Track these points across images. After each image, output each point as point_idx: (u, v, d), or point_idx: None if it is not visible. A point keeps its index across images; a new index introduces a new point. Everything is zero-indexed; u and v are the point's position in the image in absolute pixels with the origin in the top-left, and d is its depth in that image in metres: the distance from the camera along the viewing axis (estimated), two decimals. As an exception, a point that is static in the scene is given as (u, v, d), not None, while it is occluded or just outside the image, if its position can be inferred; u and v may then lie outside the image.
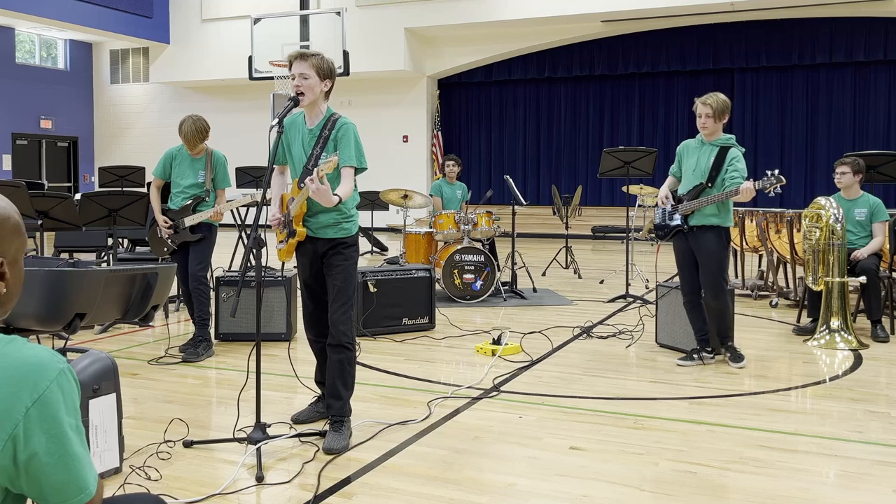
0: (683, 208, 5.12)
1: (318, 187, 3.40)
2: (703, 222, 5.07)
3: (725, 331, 5.22)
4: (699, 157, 5.14)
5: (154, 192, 5.53)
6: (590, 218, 16.04)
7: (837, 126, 15.15)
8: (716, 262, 5.07)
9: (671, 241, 5.29)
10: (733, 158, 5.03)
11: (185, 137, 5.32)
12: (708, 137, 5.12)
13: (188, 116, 5.36)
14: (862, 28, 14.50)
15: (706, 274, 5.10)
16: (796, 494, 3.10)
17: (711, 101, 5.04)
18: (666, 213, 5.26)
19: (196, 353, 5.33)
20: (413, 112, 17.30)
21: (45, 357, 1.30)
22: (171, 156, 5.47)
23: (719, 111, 5.03)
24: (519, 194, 8.30)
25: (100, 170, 11.42)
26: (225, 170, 5.52)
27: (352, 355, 3.76)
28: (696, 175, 5.13)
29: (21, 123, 18.24)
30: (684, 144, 5.32)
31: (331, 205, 3.51)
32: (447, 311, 7.15)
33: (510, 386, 4.70)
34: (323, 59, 3.68)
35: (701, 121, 5.08)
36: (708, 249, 5.06)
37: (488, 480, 3.24)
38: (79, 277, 2.74)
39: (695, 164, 5.15)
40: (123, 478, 3.22)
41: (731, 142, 5.13)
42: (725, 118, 5.08)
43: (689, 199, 5.11)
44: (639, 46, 16.02)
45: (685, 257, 5.21)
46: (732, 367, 5.12)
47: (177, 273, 5.50)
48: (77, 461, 1.29)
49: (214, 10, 17.67)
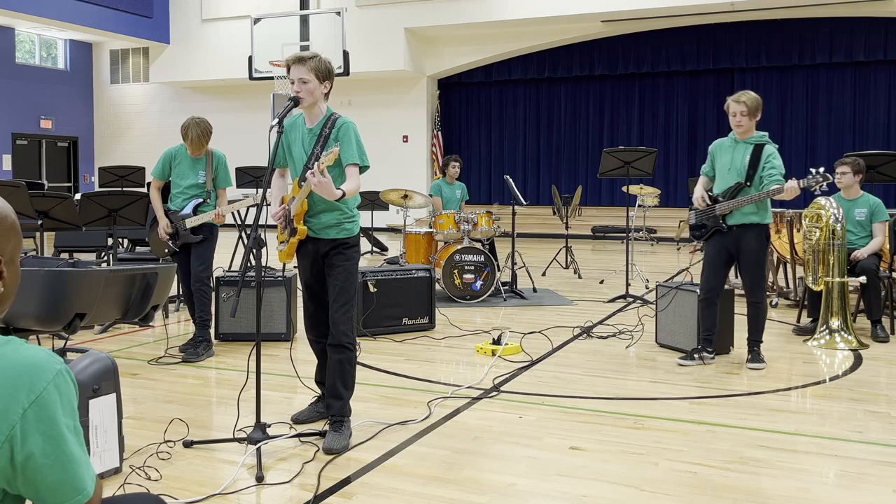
0: (721, 208, 5.06)
1: (320, 180, 3.39)
2: (744, 221, 5.02)
3: (759, 332, 5.18)
4: (734, 155, 5.10)
5: (154, 194, 5.51)
6: (590, 218, 16.04)
7: (837, 126, 15.15)
8: (757, 261, 5.05)
9: (708, 240, 5.25)
10: (769, 155, 5.00)
11: (192, 143, 5.30)
12: (742, 135, 5.09)
13: (191, 120, 5.30)
14: (862, 28, 14.50)
15: (748, 273, 5.08)
16: (796, 494, 3.10)
17: (746, 99, 5.01)
18: (702, 214, 5.20)
19: (196, 354, 5.33)
20: (413, 112, 17.30)
21: (43, 358, 1.30)
22: (170, 156, 5.44)
23: (753, 108, 5.01)
24: (519, 194, 8.30)
25: (100, 170, 11.42)
26: (226, 169, 5.51)
27: (352, 355, 3.75)
28: (731, 174, 5.09)
29: (21, 123, 18.24)
30: (717, 143, 5.27)
31: (333, 198, 3.49)
32: (447, 311, 7.15)
33: (510, 386, 4.70)
34: (321, 60, 3.67)
35: (735, 119, 5.04)
36: (749, 248, 5.03)
37: (488, 480, 3.24)
38: (79, 277, 2.74)
39: (729, 162, 5.11)
40: (123, 478, 3.22)
41: (766, 139, 5.09)
42: (758, 115, 5.06)
43: (726, 199, 5.06)
44: (639, 46, 16.02)
45: (718, 256, 5.16)
46: (748, 366, 5.09)
47: (177, 273, 5.52)
48: (74, 462, 1.29)
49: (214, 10, 17.67)
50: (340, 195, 3.52)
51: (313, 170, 3.40)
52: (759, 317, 5.18)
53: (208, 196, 5.45)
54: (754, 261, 5.06)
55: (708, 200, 5.16)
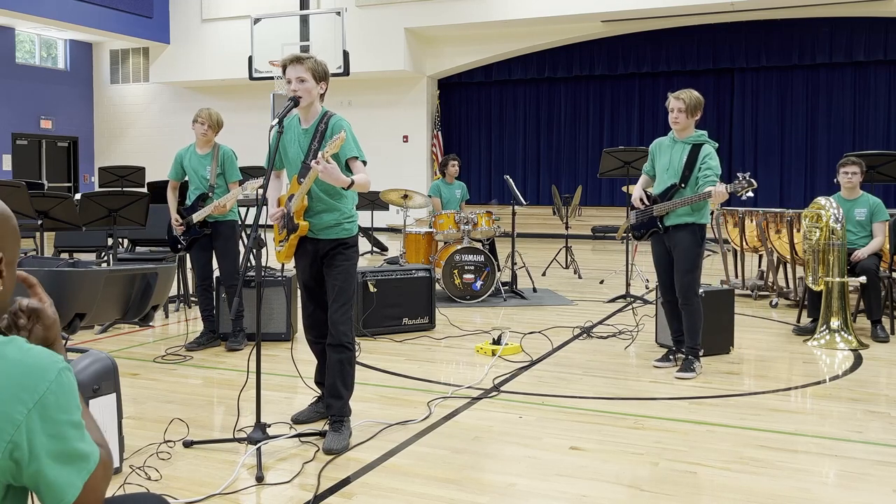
0: (658, 209, 5.00)
1: (325, 167, 3.39)
2: (678, 221, 4.95)
3: (695, 338, 4.98)
4: (671, 155, 5.03)
5: (170, 193, 5.73)
6: (590, 218, 16.04)
7: (837, 126, 15.15)
8: (689, 260, 4.93)
9: (648, 240, 5.22)
10: (706, 156, 4.91)
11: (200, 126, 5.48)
12: (679, 134, 5.01)
13: (203, 109, 5.56)
14: (862, 28, 14.50)
15: (678, 272, 4.96)
16: (796, 494, 3.10)
17: (684, 96, 4.94)
18: (641, 214, 5.15)
19: (238, 342, 5.59)
20: (413, 112, 17.30)
21: (45, 358, 1.32)
22: (181, 157, 5.67)
23: (692, 106, 4.93)
24: (519, 194, 8.30)
25: (100, 170, 11.43)
26: (233, 163, 5.65)
27: (352, 355, 3.76)
28: (669, 174, 5.02)
29: (21, 123, 18.24)
30: (657, 143, 5.20)
31: (341, 184, 3.49)
32: (447, 311, 7.15)
33: (510, 386, 4.70)
34: (317, 61, 3.69)
35: (673, 115, 4.96)
36: (681, 248, 4.94)
37: (488, 480, 3.24)
38: (79, 277, 2.74)
39: (668, 162, 5.04)
40: (123, 478, 3.22)
41: (704, 138, 5.00)
42: (698, 114, 4.98)
43: (662, 201, 5.01)
44: (639, 46, 16.02)
45: (661, 258, 5.12)
46: (676, 375, 4.88)
47: (194, 272, 5.75)
48: (72, 459, 1.31)
49: (214, 10, 17.67)
50: (349, 182, 3.52)
51: (317, 158, 3.40)
52: (694, 320, 4.97)
53: (211, 191, 5.53)
54: (687, 260, 4.93)
55: (646, 201, 5.11)
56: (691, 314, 4.99)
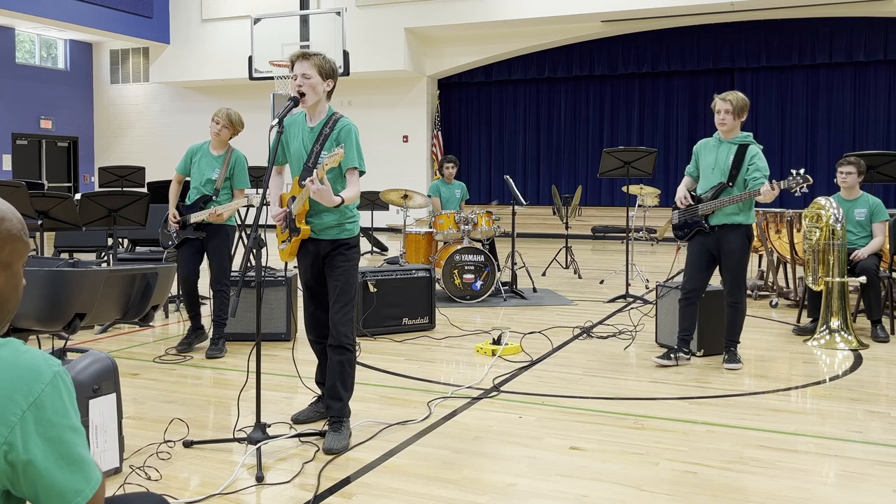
0: (703, 208, 5.05)
1: (319, 188, 3.40)
2: (726, 221, 5.01)
3: (735, 333, 5.17)
4: (717, 155, 5.09)
5: (173, 187, 5.61)
6: (590, 218, 16.04)
7: (837, 126, 15.15)
8: (738, 261, 5.03)
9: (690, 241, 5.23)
10: (753, 156, 4.98)
11: (217, 124, 5.46)
12: (726, 135, 5.08)
13: (222, 108, 5.57)
14: (862, 28, 14.50)
15: (727, 271, 5.06)
16: (796, 494, 3.10)
17: (731, 98, 5.02)
18: (685, 213, 5.19)
19: (219, 349, 5.43)
20: (413, 112, 17.30)
21: (40, 361, 1.30)
22: (192, 152, 5.55)
23: (738, 108, 5.01)
24: (519, 194, 8.30)
25: (100, 170, 11.43)
26: (244, 170, 5.54)
27: (352, 356, 3.76)
28: (715, 174, 5.08)
29: (21, 123, 18.23)
30: (702, 143, 5.27)
31: (332, 205, 3.52)
32: (447, 311, 7.15)
33: (510, 386, 4.70)
34: (325, 59, 3.69)
35: (720, 117, 5.04)
36: (731, 248, 5.01)
37: (488, 480, 3.24)
38: (79, 277, 2.74)
39: (713, 162, 5.10)
40: (123, 478, 3.22)
41: (750, 139, 5.07)
42: (744, 116, 5.05)
43: (709, 199, 5.05)
44: (639, 46, 16.02)
45: (700, 256, 5.14)
46: (725, 366, 5.10)
47: (178, 271, 5.56)
48: (74, 463, 1.29)
49: (214, 10, 17.67)
50: (339, 202, 3.53)
51: (312, 177, 3.41)
52: (738, 317, 5.16)
53: (216, 194, 5.43)
54: (736, 261, 5.03)
55: (690, 200, 5.15)
56: (738, 312, 5.14)
